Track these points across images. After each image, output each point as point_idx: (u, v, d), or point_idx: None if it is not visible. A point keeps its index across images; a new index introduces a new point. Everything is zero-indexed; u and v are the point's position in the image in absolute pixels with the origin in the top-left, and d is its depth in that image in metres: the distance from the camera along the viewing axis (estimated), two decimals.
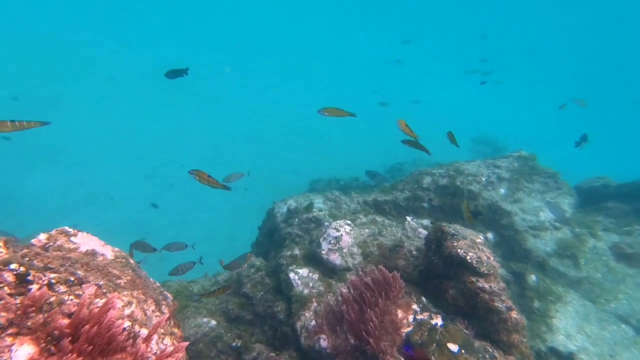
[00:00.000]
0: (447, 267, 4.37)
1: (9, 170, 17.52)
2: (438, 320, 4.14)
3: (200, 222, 16.17)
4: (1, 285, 2.10)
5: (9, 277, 2.13)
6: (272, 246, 7.66)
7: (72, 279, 2.37)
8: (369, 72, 37.00)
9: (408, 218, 6.39)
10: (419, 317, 4.28)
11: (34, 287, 2.20)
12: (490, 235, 6.39)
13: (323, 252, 5.83)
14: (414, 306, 4.43)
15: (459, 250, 4.16)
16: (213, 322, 5.72)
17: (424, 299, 4.68)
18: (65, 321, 2.22)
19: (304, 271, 5.72)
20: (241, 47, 38.67)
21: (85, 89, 24.78)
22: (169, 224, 16.03)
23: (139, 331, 2.36)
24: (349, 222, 6.17)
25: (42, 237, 2.71)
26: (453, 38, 48.36)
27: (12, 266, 2.15)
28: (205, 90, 27.24)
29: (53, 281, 2.27)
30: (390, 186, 7.52)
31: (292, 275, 5.64)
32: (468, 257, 4.06)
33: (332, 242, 5.85)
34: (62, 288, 2.29)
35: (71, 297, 2.28)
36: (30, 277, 2.19)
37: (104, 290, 2.46)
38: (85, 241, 2.80)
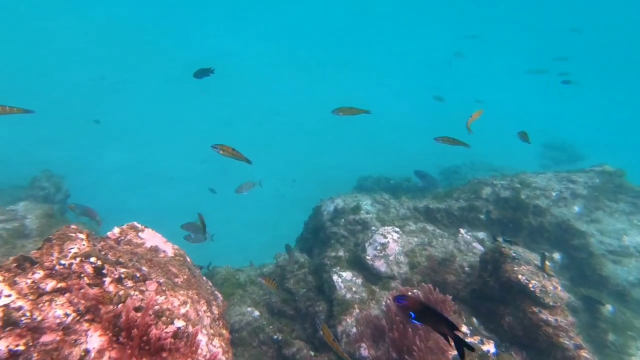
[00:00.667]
0: (505, 292, 4.06)
1: (87, 148, 19.53)
2: (490, 347, 3.88)
3: (248, 208, 16.79)
4: (82, 275, 2.31)
5: (89, 269, 2.33)
6: (317, 243, 7.71)
7: (137, 274, 2.54)
8: (428, 67, 35.35)
9: (462, 230, 6.03)
10: (469, 340, 4.05)
11: (107, 279, 2.39)
12: (557, 255, 5.82)
13: (368, 257, 5.73)
14: (463, 328, 4.19)
15: (519, 277, 3.83)
16: (256, 313, 5.92)
17: (475, 320, 4.41)
18: (132, 314, 2.39)
19: (347, 274, 5.68)
20: (296, 38, 38.94)
21: (153, 74, 26.67)
22: (219, 207, 16.83)
23: (192, 331, 2.48)
24: (397, 229, 5.97)
25: (116, 231, 2.95)
26: (524, 34, 44.25)
27: (92, 259, 2.35)
28: (260, 81, 27.95)
29: (122, 276, 2.45)
30: (444, 193, 7.15)
31: (335, 277, 5.63)
32: (530, 285, 3.72)
33: (379, 248, 5.72)
34: (129, 283, 2.46)
35: (136, 292, 2.44)
36: (104, 271, 2.38)
37: (164, 288, 2.60)
38: (150, 237, 2.99)
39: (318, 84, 29.91)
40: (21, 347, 2.04)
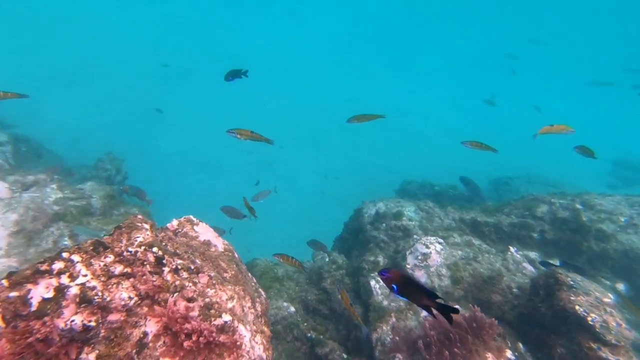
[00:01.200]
0: (558, 321, 3.79)
1: (146, 133, 20.96)
2: None
3: (289, 202, 17.11)
4: (145, 263, 2.51)
5: (151, 257, 2.53)
6: (356, 245, 7.69)
7: (192, 267, 2.71)
8: (482, 71, 33.50)
9: (511, 248, 5.70)
10: None
11: (166, 269, 2.58)
12: (621, 286, 5.31)
13: (408, 266, 5.62)
14: (508, 353, 3.98)
15: (576, 307, 3.56)
16: (292, 309, 6.06)
17: (521, 346, 4.17)
18: (184, 304, 2.56)
19: None
20: (347, 36, 38.64)
21: (212, 65, 27.94)
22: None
23: (237, 326, 2.60)
24: (441, 240, 5.79)
25: (175, 222, 3.17)
26: (590, 42, 40.18)
27: (154, 249, 2.55)
28: (310, 78, 28.19)
29: (179, 267, 2.63)
30: (494, 207, 6.78)
31: (372, 282, 5.59)
32: (589, 319, 3.44)
33: (420, 257, 5.59)
34: (184, 274, 2.64)
35: (190, 284, 2.61)
36: (164, 261, 2.57)
37: (214, 282, 2.75)
38: (204, 231, 3.17)
39: (367, 84, 29.56)
40: (93, 323, 2.27)
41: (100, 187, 8.50)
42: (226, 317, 2.55)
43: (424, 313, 4.81)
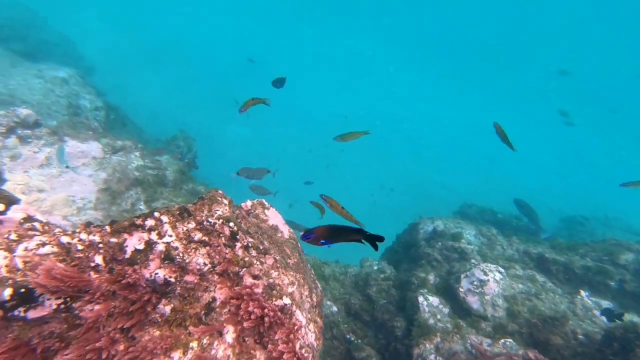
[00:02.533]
0: None
1: (216, 117, 22.36)
2: None
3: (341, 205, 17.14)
4: (221, 235, 2.72)
5: (227, 231, 2.73)
6: (406, 259, 7.51)
7: (260, 247, 2.87)
8: (553, 84, 30.38)
9: (582, 292, 5.17)
10: None
11: (238, 244, 2.76)
12: None
13: (461, 289, 5.36)
14: None
15: None
16: (335, 308, 6.10)
17: None
18: (250, 280, 2.72)
19: (434, 300, 5.41)
20: (430, 49, 37.50)
21: (289, 61, 28.89)
22: (312, 198, 17.57)
23: (295, 311, 2.70)
24: (502, 270, 5.43)
25: (248, 203, 3.37)
26: None
27: (231, 224, 2.74)
28: (382, 86, 27.96)
29: (249, 245, 2.80)
30: (567, 245, 6.20)
31: (420, 299, 5.42)
32: None
33: (475, 283, 5.30)
34: (254, 252, 2.80)
35: (257, 262, 2.76)
36: (238, 236, 2.75)
37: (278, 265, 2.88)
38: (273, 216, 3.34)
39: (445, 98, 28.53)
40: (172, 279, 2.50)
41: (174, 162, 9.26)
42: (286, 300, 2.66)
43: (471, 338, 4.57)
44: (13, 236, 2.40)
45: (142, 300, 2.40)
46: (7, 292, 2.13)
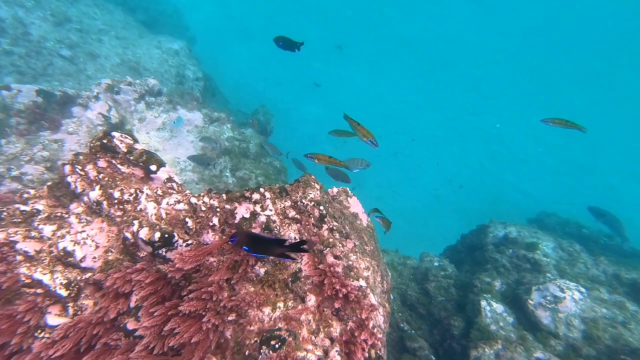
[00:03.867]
0: None
1: (292, 96, 23.10)
2: None
3: (404, 196, 16.95)
4: (311, 216, 3.06)
5: (317, 212, 3.06)
6: (469, 260, 7.35)
7: (343, 231, 3.16)
8: None
9: None
10: None
11: (325, 226, 3.08)
12: None
13: (531, 302, 5.17)
14: None
15: None
16: (391, 296, 6.31)
17: None
18: (332, 259, 3.05)
19: (498, 307, 5.32)
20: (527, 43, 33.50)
21: (375, 47, 28.16)
22: (375, 184, 17.57)
23: (369, 293, 2.97)
24: (583, 289, 5.09)
25: (334, 190, 3.68)
26: None
27: (321, 207, 3.06)
28: (473, 75, 26.06)
29: (334, 228, 3.10)
30: None
31: (484, 303, 5.36)
32: None
33: (549, 298, 5.06)
34: (337, 235, 3.10)
35: (339, 244, 3.06)
36: (325, 219, 3.07)
37: (357, 250, 3.16)
38: (354, 204, 3.60)
39: (531, 95, 25.76)
40: None
41: (256, 136, 9.99)
42: (362, 282, 2.94)
43: (538, 353, 4.46)
44: (159, 192, 3.01)
45: (245, 261, 2.87)
46: (157, 235, 2.73)
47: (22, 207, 3.08)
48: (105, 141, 3.32)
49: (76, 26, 10.07)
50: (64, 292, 2.75)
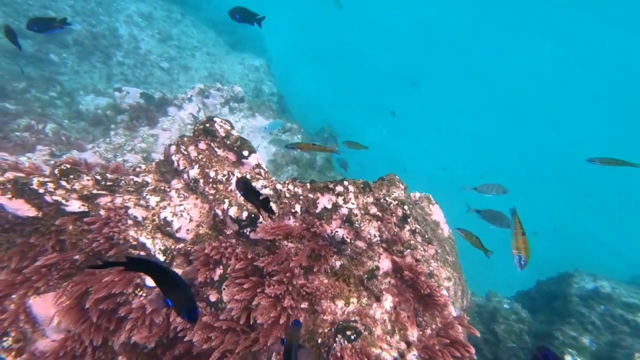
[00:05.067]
0: None
1: (357, 119, 23.30)
2: None
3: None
4: (393, 215, 2.98)
5: (400, 212, 2.97)
6: (545, 309, 6.53)
7: (425, 236, 3.01)
8: None
9: None
10: None
11: (407, 227, 2.96)
12: None
13: None
14: None
15: None
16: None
17: None
18: (410, 260, 2.91)
19: None
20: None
21: (443, 78, 27.89)
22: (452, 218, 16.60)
23: (449, 304, 2.76)
24: None
25: (417, 194, 3.58)
26: None
27: (405, 207, 2.97)
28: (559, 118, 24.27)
29: (416, 230, 2.98)
30: None
31: (569, 358, 4.68)
32: None
33: None
34: (419, 239, 2.96)
35: (421, 248, 2.92)
36: (408, 220, 2.96)
37: (438, 258, 2.98)
38: (436, 212, 3.44)
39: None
40: (348, 239, 2.89)
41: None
42: (444, 292, 2.74)
43: None
44: (248, 176, 3.18)
45: (325, 252, 2.85)
46: (245, 214, 2.86)
47: (135, 179, 3.44)
48: (207, 125, 3.62)
49: (175, 43, 11.45)
50: (161, 257, 2.97)
